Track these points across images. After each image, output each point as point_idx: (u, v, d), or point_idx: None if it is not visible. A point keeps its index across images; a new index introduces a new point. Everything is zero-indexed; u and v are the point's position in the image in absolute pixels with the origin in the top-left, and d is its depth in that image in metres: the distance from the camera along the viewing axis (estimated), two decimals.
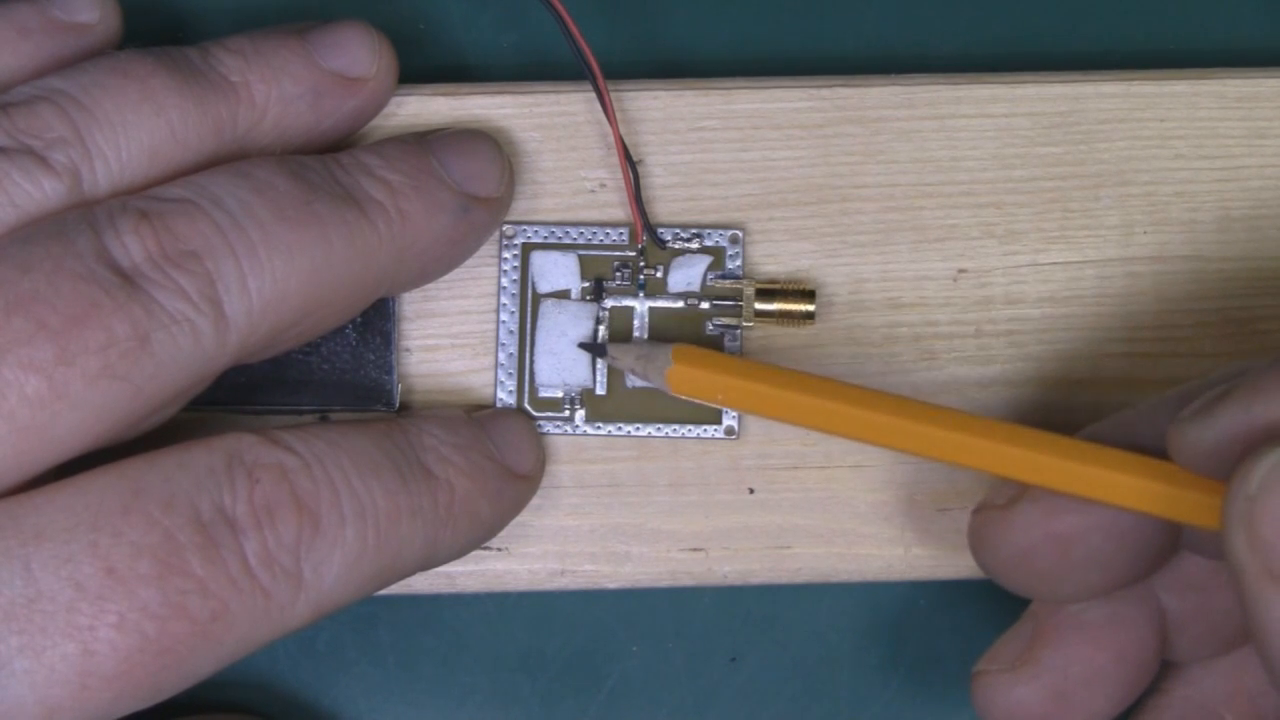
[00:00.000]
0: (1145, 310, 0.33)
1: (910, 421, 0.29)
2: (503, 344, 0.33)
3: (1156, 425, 0.28)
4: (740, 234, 0.33)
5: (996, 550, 0.29)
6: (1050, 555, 0.29)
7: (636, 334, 0.33)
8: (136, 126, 0.29)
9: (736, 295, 0.33)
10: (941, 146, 0.33)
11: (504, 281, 0.33)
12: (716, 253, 0.33)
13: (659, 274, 0.33)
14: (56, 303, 0.27)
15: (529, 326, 0.33)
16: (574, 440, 0.33)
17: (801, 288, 0.33)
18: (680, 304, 0.33)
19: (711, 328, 0.33)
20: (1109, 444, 0.28)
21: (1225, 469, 0.25)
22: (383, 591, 0.30)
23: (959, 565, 0.33)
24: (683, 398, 0.31)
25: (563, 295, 0.33)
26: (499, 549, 0.33)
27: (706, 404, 0.31)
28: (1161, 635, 0.30)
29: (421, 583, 0.32)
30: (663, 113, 0.33)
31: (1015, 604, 0.31)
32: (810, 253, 0.33)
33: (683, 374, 0.31)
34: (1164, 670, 0.31)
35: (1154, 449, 0.28)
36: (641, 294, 0.33)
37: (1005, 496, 0.29)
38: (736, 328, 0.33)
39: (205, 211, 0.28)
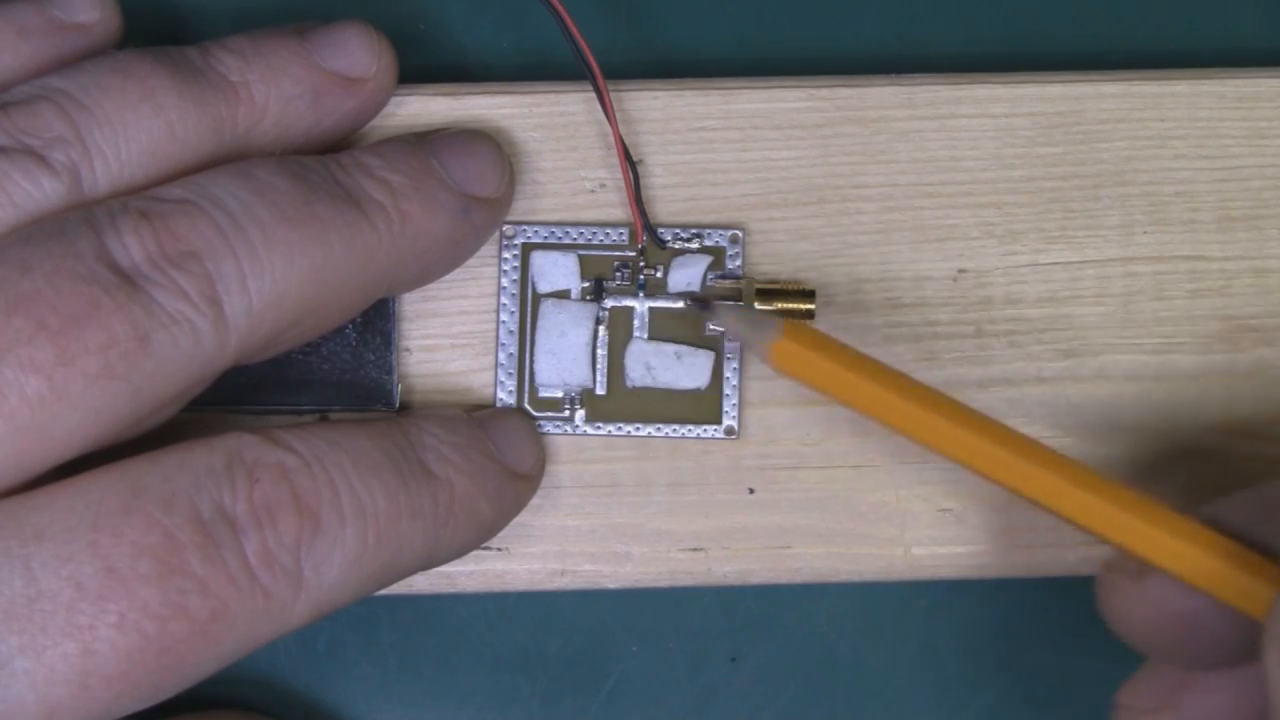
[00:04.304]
0: (1145, 310, 0.33)
1: (1024, 462, 0.28)
2: (503, 344, 0.33)
3: (1273, 514, 0.27)
4: (740, 234, 0.33)
5: (1123, 618, 0.29)
6: (1177, 632, 0.28)
7: (637, 334, 0.33)
8: (136, 126, 0.29)
9: (736, 295, 0.33)
10: (941, 146, 0.33)
11: (504, 281, 0.33)
12: (716, 253, 0.33)
13: (659, 274, 0.33)
14: (56, 303, 0.27)
15: (529, 326, 0.33)
16: (574, 440, 0.33)
17: (801, 288, 0.33)
18: (680, 304, 0.33)
19: (711, 328, 0.33)
20: (1230, 524, 0.28)
21: None
22: (383, 591, 0.30)
23: (959, 565, 0.33)
24: (783, 374, 0.30)
25: (563, 295, 0.33)
26: (499, 549, 0.33)
27: (805, 386, 0.30)
28: None
29: (421, 583, 0.32)
30: (663, 113, 0.33)
31: (1014, 606, 0.31)
32: (810, 253, 0.33)
33: (789, 350, 0.29)
34: None
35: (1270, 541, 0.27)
36: (641, 294, 0.33)
37: (1137, 564, 0.28)
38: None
39: (205, 212, 0.28)
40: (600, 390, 0.33)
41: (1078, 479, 0.28)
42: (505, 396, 0.33)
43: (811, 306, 0.32)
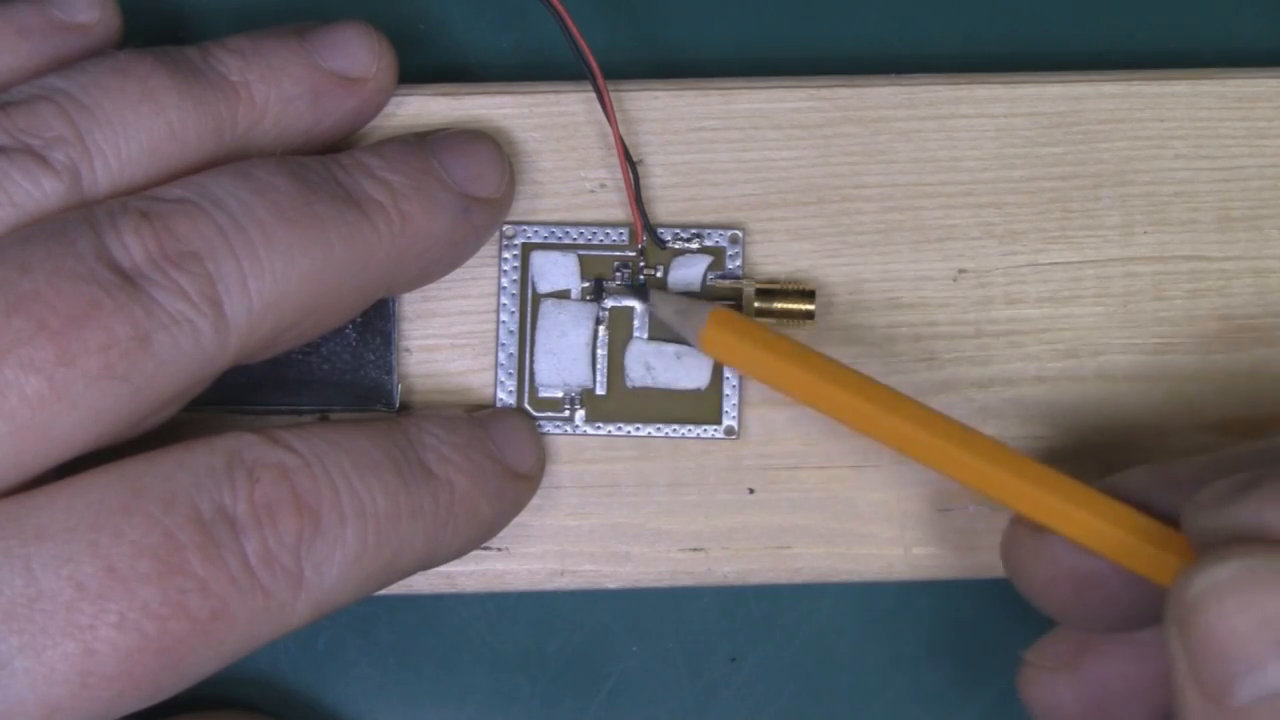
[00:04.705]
0: (1145, 310, 0.33)
1: (932, 435, 0.29)
2: (503, 344, 0.33)
3: (1192, 486, 0.27)
4: (740, 234, 0.33)
5: (1021, 573, 0.30)
6: (1071, 590, 0.29)
7: (637, 334, 0.33)
8: (136, 126, 0.29)
9: (736, 295, 0.33)
10: (941, 146, 0.33)
11: (504, 281, 0.33)
12: (716, 253, 0.33)
13: (659, 274, 0.33)
14: (57, 303, 0.27)
15: (529, 326, 0.33)
16: (574, 440, 0.33)
17: (801, 288, 0.33)
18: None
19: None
20: (1138, 494, 0.28)
21: None
22: (383, 591, 0.30)
23: (959, 565, 0.33)
24: (716, 359, 0.31)
25: (563, 295, 0.33)
26: (499, 549, 0.33)
27: (737, 370, 0.32)
28: None
29: (421, 583, 0.32)
30: (663, 113, 0.33)
31: (1013, 606, 0.31)
32: (810, 253, 0.33)
33: (716, 338, 0.31)
34: None
35: (1172, 511, 0.28)
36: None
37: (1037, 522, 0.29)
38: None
39: (206, 212, 0.28)
40: (600, 390, 0.33)
41: (989, 454, 0.29)
42: (505, 396, 0.33)
43: (811, 307, 0.32)
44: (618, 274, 0.33)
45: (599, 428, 0.33)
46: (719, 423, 0.33)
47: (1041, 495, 0.28)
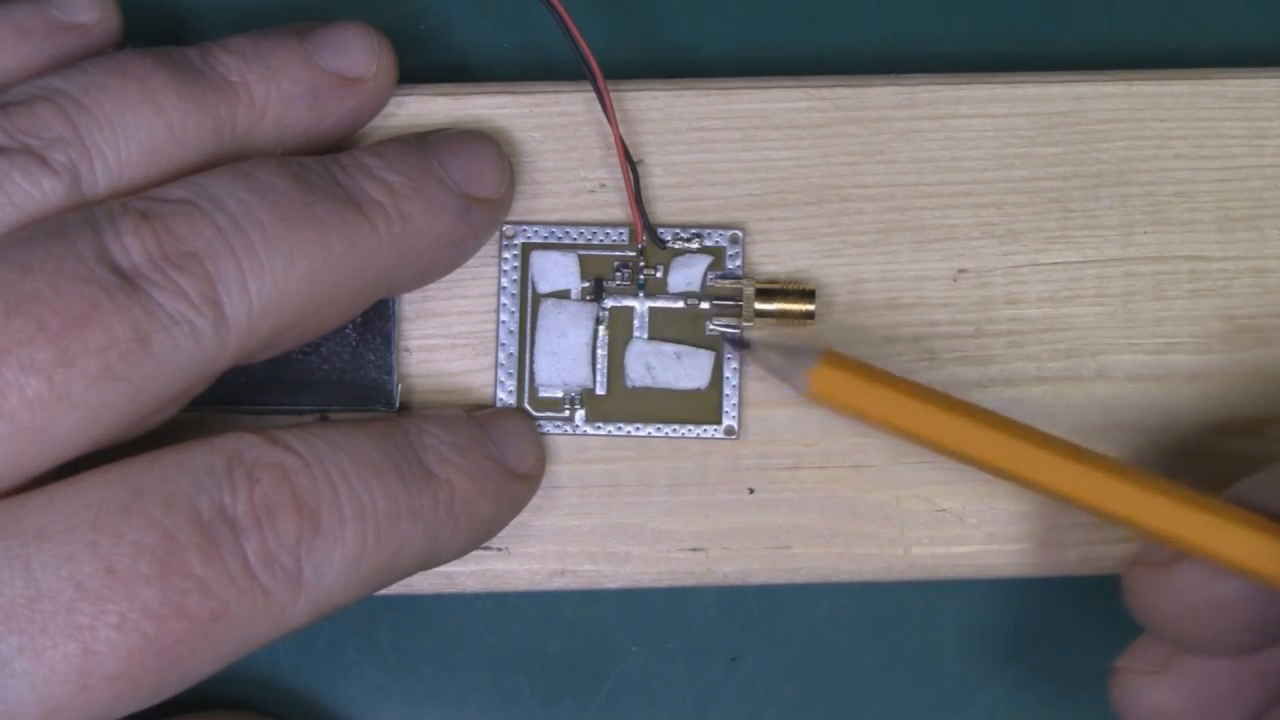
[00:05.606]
0: (1145, 310, 0.33)
1: (1068, 462, 0.28)
2: (503, 344, 0.33)
3: None
4: (740, 234, 0.33)
5: (1153, 609, 0.29)
6: (1208, 619, 0.28)
7: (637, 333, 0.33)
8: (136, 126, 0.29)
9: (736, 295, 0.33)
10: (941, 146, 0.33)
11: (504, 281, 0.33)
12: (716, 253, 0.33)
13: (659, 274, 0.33)
14: (57, 304, 0.27)
15: (529, 326, 0.33)
16: (574, 440, 0.33)
17: (801, 288, 0.33)
18: (680, 304, 0.33)
19: (711, 328, 0.33)
20: (1257, 504, 0.28)
21: None
22: (383, 591, 0.30)
23: (959, 565, 0.33)
24: (823, 404, 0.30)
25: (563, 295, 0.33)
26: (499, 549, 0.33)
27: (848, 415, 0.31)
28: None
29: (421, 583, 0.32)
30: (663, 113, 0.33)
31: (1014, 605, 0.31)
32: (810, 253, 0.33)
33: (828, 377, 0.30)
34: None
35: None
36: (641, 294, 0.33)
37: (1164, 554, 0.28)
38: (736, 328, 0.33)
39: (205, 213, 0.28)
40: (600, 390, 0.33)
41: (1127, 476, 0.28)
42: (505, 396, 0.33)
43: (811, 307, 0.32)
44: (617, 274, 0.33)
45: (599, 428, 0.33)
46: (719, 423, 0.33)
47: (1182, 512, 0.28)
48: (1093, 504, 0.28)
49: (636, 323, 0.33)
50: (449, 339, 0.33)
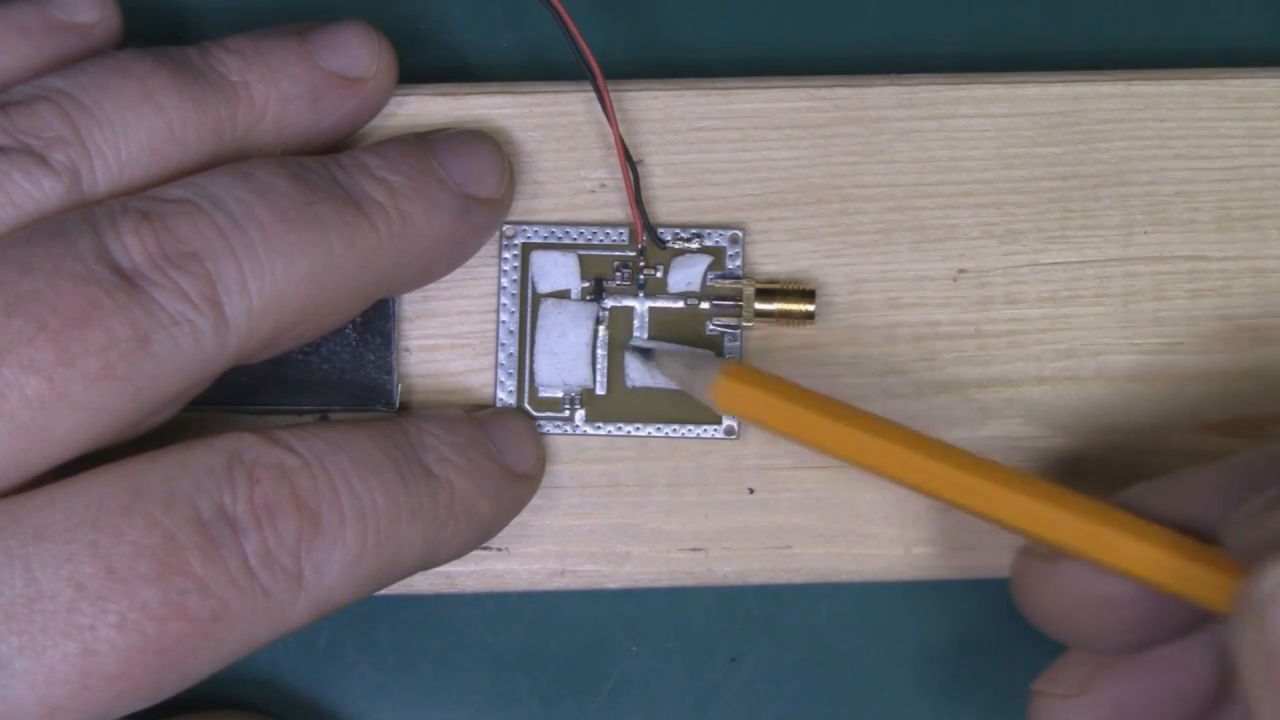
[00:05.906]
0: (1145, 310, 0.33)
1: (957, 471, 0.29)
2: (503, 344, 0.33)
3: (1205, 497, 0.27)
4: (740, 234, 0.33)
5: (1035, 603, 0.29)
6: (1089, 616, 0.28)
7: (637, 332, 0.33)
8: (136, 126, 0.29)
9: (736, 295, 0.33)
10: (941, 146, 0.33)
11: (504, 281, 0.33)
12: (716, 253, 0.33)
13: (659, 274, 0.33)
14: (57, 304, 0.27)
15: (529, 326, 0.33)
16: (574, 440, 0.33)
17: (801, 288, 0.33)
18: (680, 304, 0.33)
19: (711, 328, 0.33)
20: (1149, 510, 0.28)
21: None
22: (383, 591, 0.30)
23: (959, 565, 0.33)
24: (727, 412, 0.31)
25: (563, 295, 0.33)
26: (499, 549, 0.33)
27: (750, 422, 0.31)
28: (1220, 676, 0.29)
29: (421, 583, 0.32)
30: (663, 113, 0.33)
31: (1012, 607, 0.31)
32: (810, 253, 0.33)
33: (728, 389, 0.30)
34: None
35: (1197, 519, 0.27)
36: (641, 294, 0.33)
37: (1049, 549, 0.29)
38: (736, 328, 0.33)
39: (205, 212, 0.28)
40: (600, 390, 0.33)
41: (1011, 483, 0.28)
42: (505, 396, 0.33)
43: (812, 307, 0.32)
44: (617, 274, 0.33)
45: (599, 428, 0.33)
46: (719, 423, 0.33)
47: (1065, 519, 0.28)
48: (982, 511, 0.28)
49: (636, 323, 0.33)
50: (449, 339, 0.33)
